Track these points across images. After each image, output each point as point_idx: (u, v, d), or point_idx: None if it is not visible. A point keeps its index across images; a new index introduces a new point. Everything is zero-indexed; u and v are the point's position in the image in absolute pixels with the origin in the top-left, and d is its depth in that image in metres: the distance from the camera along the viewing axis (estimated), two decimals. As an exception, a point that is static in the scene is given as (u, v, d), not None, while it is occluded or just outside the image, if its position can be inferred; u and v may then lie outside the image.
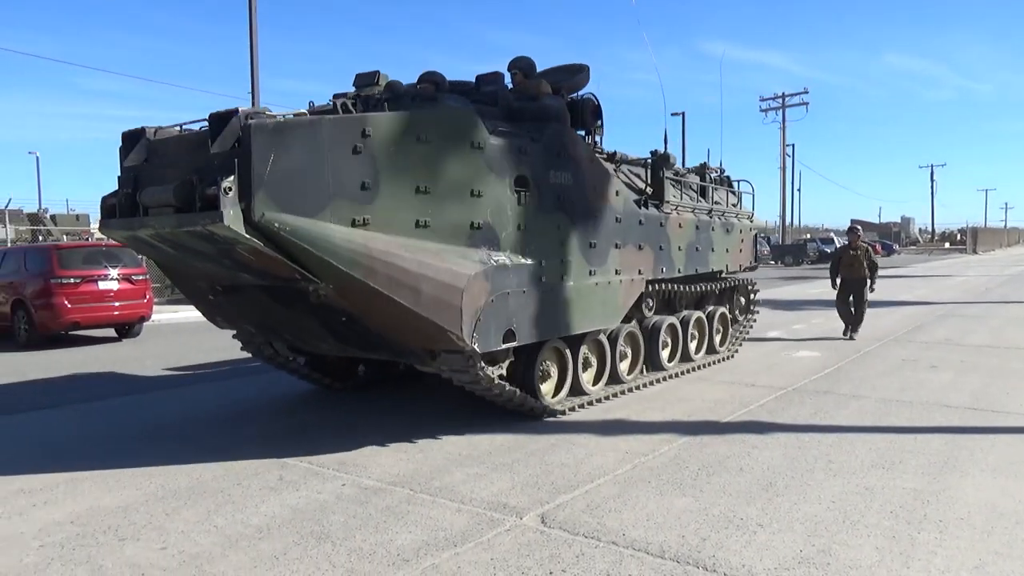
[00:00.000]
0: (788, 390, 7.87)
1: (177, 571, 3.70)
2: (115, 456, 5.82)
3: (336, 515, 4.41)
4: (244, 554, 3.88)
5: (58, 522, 4.42)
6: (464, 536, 4.08)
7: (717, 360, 9.74)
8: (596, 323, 7.05)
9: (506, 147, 6.06)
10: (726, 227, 9.70)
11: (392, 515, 4.40)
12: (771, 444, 5.77)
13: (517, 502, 4.58)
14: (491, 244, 5.95)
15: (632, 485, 4.86)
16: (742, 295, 10.85)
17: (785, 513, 4.32)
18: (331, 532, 4.16)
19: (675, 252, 8.43)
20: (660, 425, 6.44)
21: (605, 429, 6.34)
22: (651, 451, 5.64)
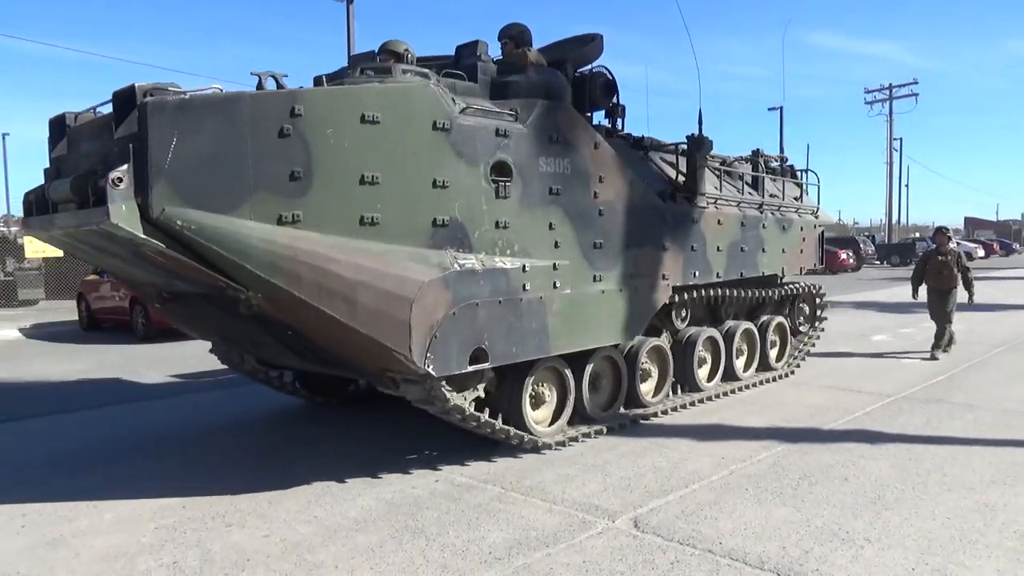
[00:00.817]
0: (896, 397, 7.45)
1: (280, 558, 3.88)
2: (220, 445, 6.14)
3: (429, 511, 4.49)
4: (342, 545, 4.02)
5: (171, 506, 4.68)
6: (555, 537, 4.08)
7: (771, 379, 8.38)
8: (602, 338, 5.93)
9: (480, 129, 5.05)
10: (782, 224, 8.32)
11: (484, 512, 4.44)
12: (878, 454, 5.49)
13: (609, 504, 4.55)
14: (459, 245, 4.96)
15: (728, 492, 4.73)
16: (806, 303, 9.40)
17: (895, 528, 4.11)
18: (425, 527, 4.24)
19: (712, 253, 7.18)
20: (757, 431, 6.24)
21: (699, 433, 6.18)
22: (748, 457, 5.47)
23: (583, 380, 6.02)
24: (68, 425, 7.01)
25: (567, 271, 5.57)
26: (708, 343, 7.60)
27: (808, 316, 9.44)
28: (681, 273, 6.77)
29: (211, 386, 8.73)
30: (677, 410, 6.91)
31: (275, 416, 7.13)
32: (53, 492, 5.02)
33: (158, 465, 5.61)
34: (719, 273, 7.30)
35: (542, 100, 5.45)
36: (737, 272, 7.58)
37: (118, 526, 4.41)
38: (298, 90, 4.44)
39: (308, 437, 6.30)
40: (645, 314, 6.35)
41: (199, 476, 5.29)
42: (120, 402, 7.96)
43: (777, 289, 8.51)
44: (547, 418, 5.89)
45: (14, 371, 10.31)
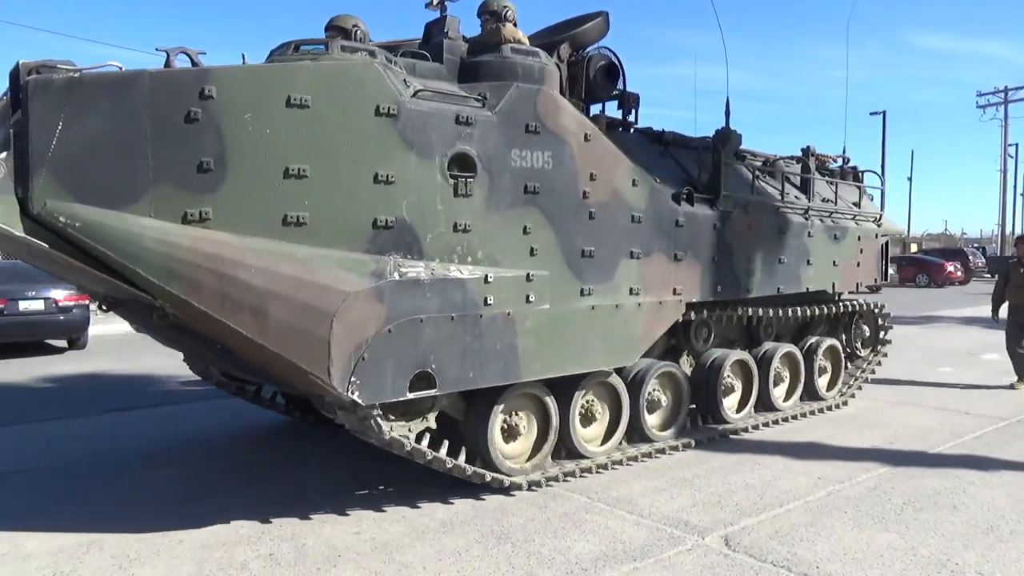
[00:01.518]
0: (1011, 421, 6.95)
1: (369, 556, 3.96)
2: (319, 441, 6.14)
3: (515, 517, 4.48)
4: (429, 546, 4.07)
5: (271, 500, 4.75)
6: (643, 551, 4.02)
7: (816, 410, 7.27)
8: (591, 361, 5.08)
9: (436, 115, 4.32)
10: (833, 232, 7.19)
11: (570, 522, 4.41)
12: (992, 482, 5.15)
13: (699, 521, 4.45)
14: (407, 250, 4.25)
15: (826, 514, 4.56)
16: (867, 323, 8.19)
17: (1012, 563, 3.87)
18: (511, 533, 4.24)
19: (740, 265, 6.19)
20: (857, 451, 5.97)
21: (793, 451, 5.96)
22: (847, 479, 5.23)
23: (571, 410, 5.18)
24: (180, 413, 7.36)
25: (545, 283, 4.76)
26: (738, 368, 6.60)
27: (868, 338, 8.22)
28: (699, 287, 5.83)
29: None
30: (768, 425, 6.67)
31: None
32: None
33: (272, 455, 5.80)
34: (750, 288, 6.29)
35: (517, 83, 4.66)
36: (774, 287, 6.55)
37: (220, 516, 4.48)
38: (210, 68, 3.84)
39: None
40: (648, 335, 5.46)
41: (299, 471, 5.37)
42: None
43: (828, 307, 7.39)
44: (524, 452, 5.08)
45: (130, 364, 10.39)
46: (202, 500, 4.79)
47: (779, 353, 6.91)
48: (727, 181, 6.05)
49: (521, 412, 5.01)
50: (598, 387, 5.45)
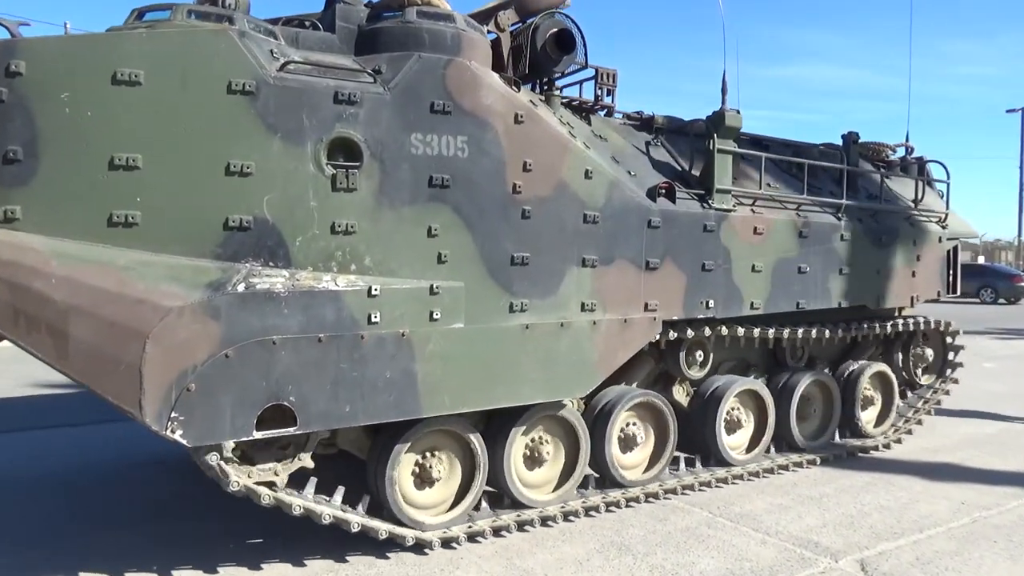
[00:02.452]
0: None
1: (490, 559, 3.96)
2: None
3: (635, 528, 4.43)
4: (549, 554, 4.07)
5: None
6: (772, 571, 3.90)
7: (854, 451, 6.01)
8: (526, 393, 4.16)
9: (308, 92, 3.55)
10: (878, 235, 5.91)
11: (692, 537, 4.33)
12: None
13: (831, 543, 4.28)
14: (269, 255, 3.51)
15: (973, 543, 4.30)
16: (929, 345, 6.78)
17: None
18: (631, 545, 4.19)
19: (743, 274, 5.07)
20: (1003, 475, 5.60)
21: (931, 472, 5.65)
22: (995, 505, 4.92)
23: (506, 450, 4.28)
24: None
25: (457, 297, 3.89)
26: (749, 399, 5.47)
27: (932, 364, 6.81)
28: (681, 302, 4.78)
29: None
30: (900, 443, 6.22)
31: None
32: None
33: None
34: (756, 303, 5.16)
35: (420, 53, 3.83)
36: (791, 302, 5.38)
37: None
38: (17, 41, 3.22)
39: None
40: (608, 360, 4.47)
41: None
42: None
43: (874, 326, 6.10)
44: (442, 502, 4.21)
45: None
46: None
47: (804, 382, 5.71)
48: (723, 173, 4.96)
49: (440, 452, 4.16)
50: (549, 422, 4.52)
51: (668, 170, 5.04)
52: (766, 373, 5.86)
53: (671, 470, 5.07)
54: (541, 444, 4.49)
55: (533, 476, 4.52)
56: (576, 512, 4.52)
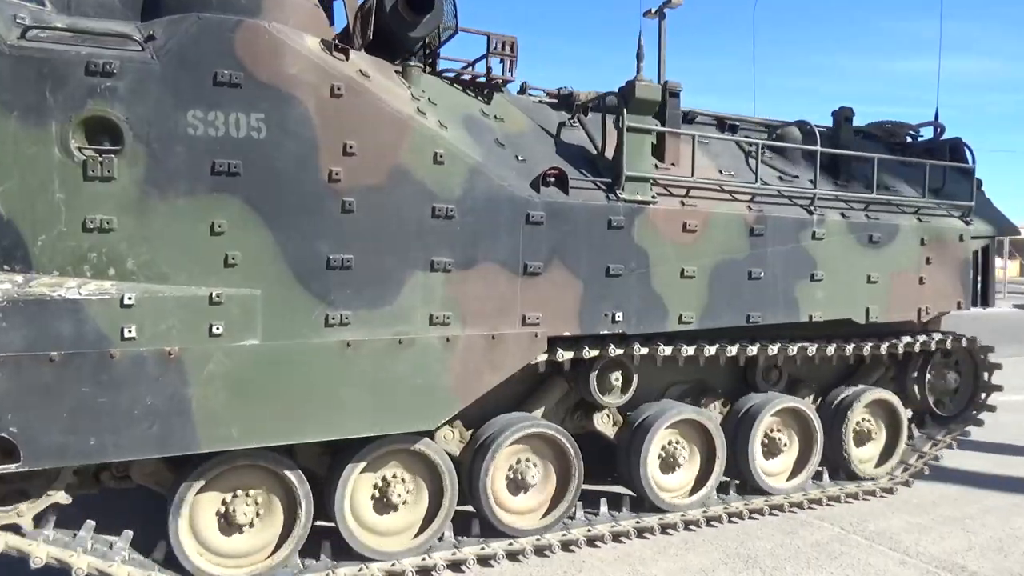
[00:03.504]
0: None
1: (613, 564, 3.96)
2: None
3: (761, 541, 4.31)
4: (672, 562, 4.00)
5: None
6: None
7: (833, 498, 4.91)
8: (349, 425, 3.43)
9: (53, 63, 2.98)
10: (868, 233, 4.78)
11: (824, 553, 4.16)
12: None
13: (978, 567, 4.02)
14: (3, 257, 2.95)
15: None
16: (951, 368, 5.52)
17: None
18: (758, 557, 4.08)
19: (667, 281, 4.13)
20: None
21: None
22: None
23: (339, 492, 3.57)
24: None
25: (248, 307, 3.21)
26: (691, 431, 4.51)
27: (954, 391, 5.55)
28: (576, 315, 3.91)
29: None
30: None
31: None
32: None
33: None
34: (687, 316, 4.21)
35: (201, 14, 3.18)
36: (738, 315, 4.38)
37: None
38: None
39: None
40: (469, 385, 3.66)
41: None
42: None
43: (869, 344, 4.96)
44: (259, 549, 3.54)
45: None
46: None
47: (771, 410, 4.68)
48: (637, 157, 4.05)
49: (247, 493, 3.49)
50: (406, 458, 3.77)
51: (577, 155, 4.18)
52: (728, 398, 4.86)
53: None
54: (394, 484, 3.74)
55: (385, 522, 3.77)
56: (459, 563, 3.74)
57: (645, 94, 4.02)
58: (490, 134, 3.95)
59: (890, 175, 5.28)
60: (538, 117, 4.34)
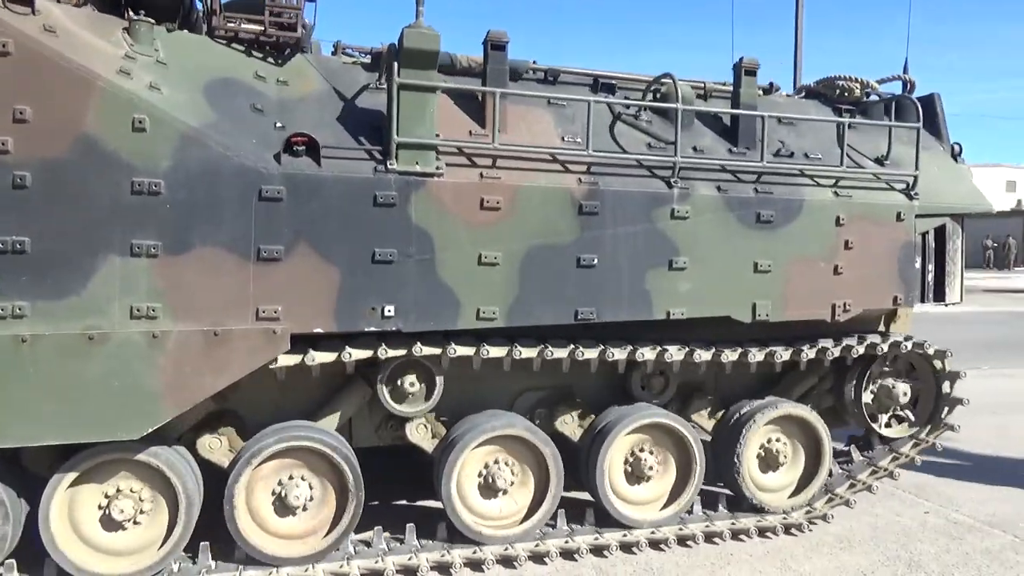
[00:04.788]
0: None
1: (763, 559, 3.85)
2: None
3: (924, 544, 4.11)
4: (827, 560, 3.87)
5: None
6: None
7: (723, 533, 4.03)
8: (31, 432, 3.00)
9: None
10: (754, 210, 3.84)
11: (996, 561, 3.92)
12: None
13: None
14: None
15: None
16: (902, 378, 4.44)
17: None
18: (923, 562, 3.90)
19: (460, 269, 3.44)
20: None
21: None
22: None
23: (43, 505, 3.16)
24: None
25: None
26: (522, 450, 3.79)
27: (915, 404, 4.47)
28: (330, 308, 3.29)
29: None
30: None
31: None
32: None
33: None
34: (487, 311, 3.49)
35: None
36: (563, 311, 3.60)
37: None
38: None
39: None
40: (186, 389, 3.13)
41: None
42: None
43: (780, 349, 4.03)
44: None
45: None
46: None
47: (630, 426, 3.87)
48: (413, 120, 3.37)
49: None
50: (139, 470, 3.31)
51: (367, 121, 3.55)
52: (591, 410, 4.09)
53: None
54: (117, 499, 3.29)
55: (114, 541, 3.33)
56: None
57: (416, 43, 3.34)
58: (248, 99, 3.40)
59: (828, 142, 4.29)
60: (344, 80, 3.75)
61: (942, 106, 4.70)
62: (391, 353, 3.47)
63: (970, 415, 4.84)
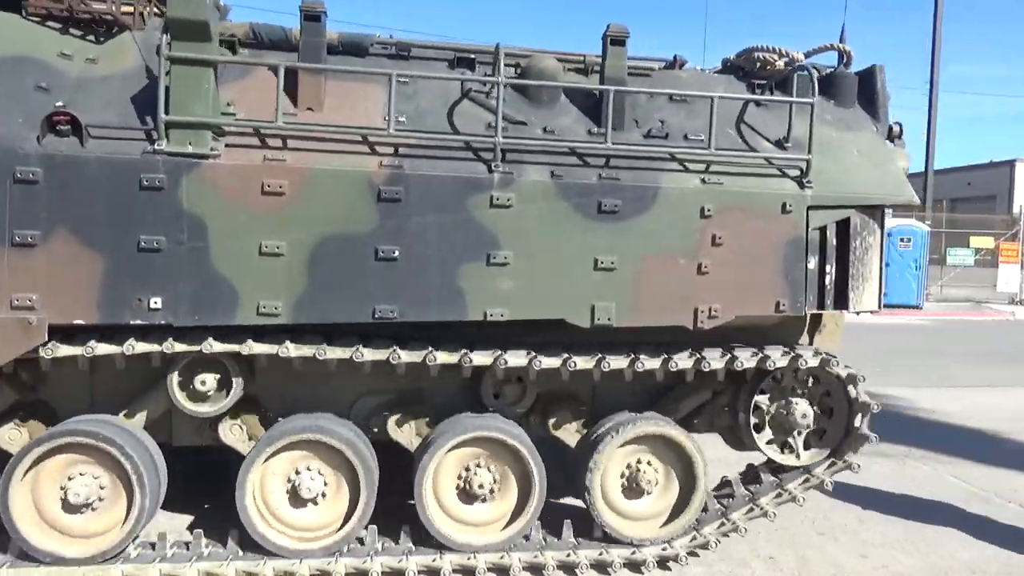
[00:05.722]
0: None
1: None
2: None
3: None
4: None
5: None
6: None
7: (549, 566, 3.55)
8: None
9: None
10: (594, 200, 3.33)
11: None
12: None
13: None
14: None
15: None
16: (804, 398, 3.79)
17: None
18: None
19: (238, 260, 3.15)
20: None
21: None
22: None
23: None
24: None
25: None
26: (336, 461, 3.47)
27: (823, 431, 3.81)
28: (94, 298, 3.09)
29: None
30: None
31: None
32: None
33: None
34: (269, 306, 3.18)
35: None
36: (359, 308, 3.25)
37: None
38: None
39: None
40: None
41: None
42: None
43: (644, 359, 3.52)
44: None
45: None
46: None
47: (452, 441, 3.47)
48: (187, 96, 3.11)
49: None
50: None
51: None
52: (437, 419, 3.72)
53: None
54: None
55: None
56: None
57: (182, 11, 3.06)
58: (37, 77, 3.25)
59: (726, 121, 3.71)
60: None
61: (883, 80, 4.00)
62: (178, 348, 3.24)
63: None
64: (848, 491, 4.56)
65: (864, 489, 4.73)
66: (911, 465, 5.45)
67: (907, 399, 7.48)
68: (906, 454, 5.67)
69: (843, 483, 4.26)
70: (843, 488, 4.38)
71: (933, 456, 5.67)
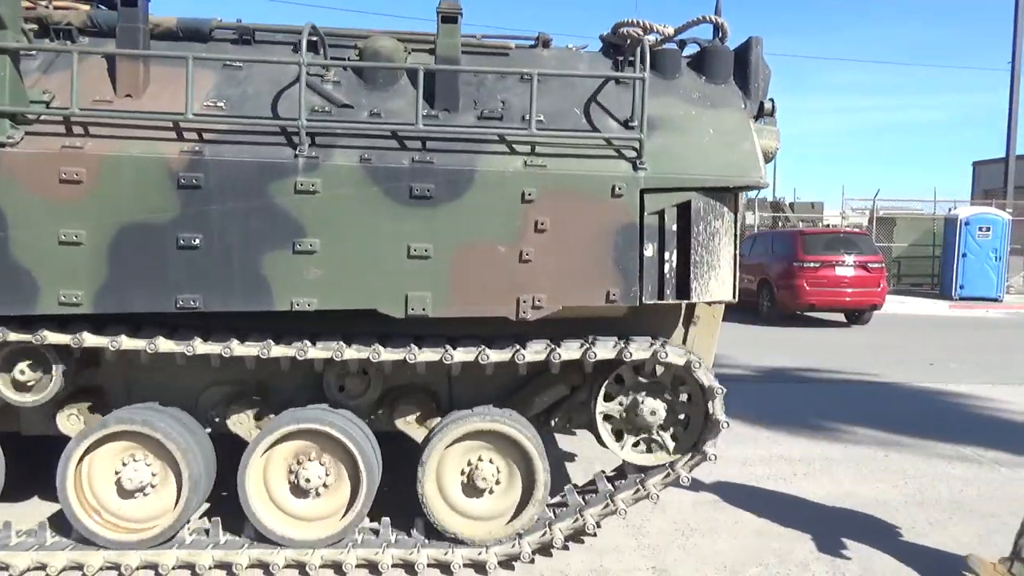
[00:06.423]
0: None
1: None
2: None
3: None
4: None
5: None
6: None
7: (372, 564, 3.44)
8: None
9: None
10: (406, 184, 3.17)
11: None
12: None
13: None
14: None
15: None
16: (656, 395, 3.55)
17: None
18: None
19: (38, 249, 3.12)
20: None
21: None
22: None
23: None
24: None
25: None
26: (162, 454, 3.44)
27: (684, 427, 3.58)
28: None
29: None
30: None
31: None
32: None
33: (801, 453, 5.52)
34: (70, 296, 3.14)
35: None
36: (161, 298, 3.18)
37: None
38: None
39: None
40: None
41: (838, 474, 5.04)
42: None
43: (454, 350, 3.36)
44: None
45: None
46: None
47: (276, 434, 3.39)
48: None
49: None
50: None
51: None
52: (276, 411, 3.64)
53: None
54: None
55: None
56: None
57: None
58: None
59: (577, 100, 3.51)
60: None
61: (759, 54, 3.70)
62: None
63: None
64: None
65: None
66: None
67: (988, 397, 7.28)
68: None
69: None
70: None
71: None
